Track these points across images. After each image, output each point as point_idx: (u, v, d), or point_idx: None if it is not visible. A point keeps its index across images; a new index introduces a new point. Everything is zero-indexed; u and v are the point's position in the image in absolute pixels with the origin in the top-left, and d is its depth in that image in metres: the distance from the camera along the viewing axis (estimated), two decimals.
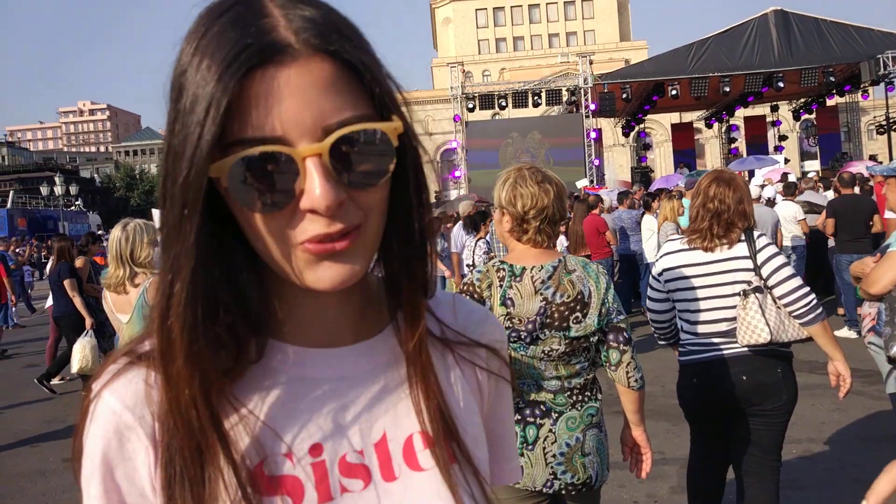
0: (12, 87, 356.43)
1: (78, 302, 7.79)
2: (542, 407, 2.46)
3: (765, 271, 3.04)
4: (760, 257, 3.05)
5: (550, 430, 2.43)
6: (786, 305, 3.03)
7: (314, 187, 0.62)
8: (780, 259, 3.06)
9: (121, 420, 0.68)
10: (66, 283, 7.80)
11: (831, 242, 9.37)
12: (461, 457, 0.76)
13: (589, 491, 2.48)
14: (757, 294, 3.01)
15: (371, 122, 0.65)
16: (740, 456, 3.22)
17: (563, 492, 2.45)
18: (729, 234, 3.08)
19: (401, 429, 0.76)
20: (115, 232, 4.04)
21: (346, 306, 0.76)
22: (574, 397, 2.47)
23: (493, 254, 8.42)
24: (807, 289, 3.05)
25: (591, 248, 9.73)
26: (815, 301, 3.05)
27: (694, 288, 3.14)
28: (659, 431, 5.37)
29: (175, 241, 0.64)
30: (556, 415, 2.45)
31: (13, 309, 13.42)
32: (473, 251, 8.81)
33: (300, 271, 0.66)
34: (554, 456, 2.42)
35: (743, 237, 3.09)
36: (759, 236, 3.11)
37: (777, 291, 3.03)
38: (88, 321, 7.62)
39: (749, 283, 3.04)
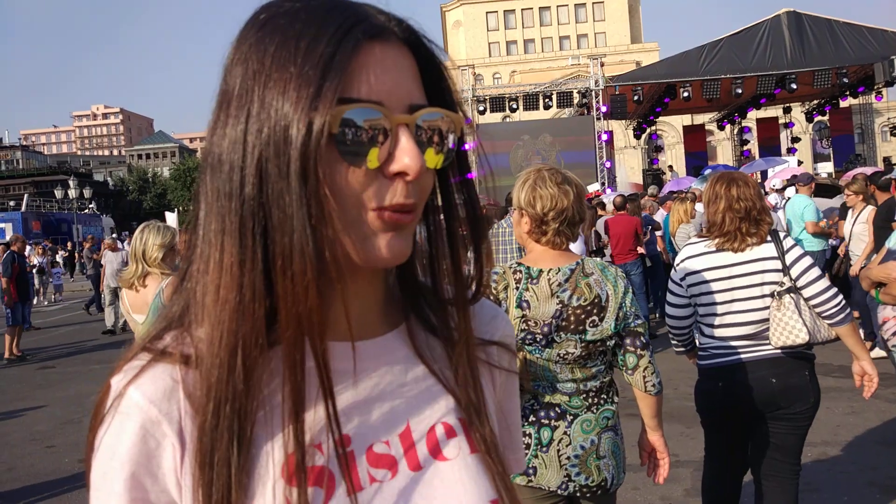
0: (27, 91, 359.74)
1: None
2: (557, 409, 2.45)
3: (794, 272, 3.02)
4: (789, 258, 3.04)
5: (565, 433, 2.43)
6: (815, 306, 3.02)
7: (405, 151, 0.67)
8: (809, 260, 3.05)
9: (147, 416, 0.68)
10: None
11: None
12: (489, 446, 0.79)
13: (604, 494, 2.48)
14: (791, 294, 3.00)
15: (447, 111, 0.73)
16: (761, 460, 3.19)
17: (578, 493, 2.45)
18: (759, 230, 3.06)
19: (423, 420, 0.78)
20: (136, 232, 4.27)
21: (372, 299, 0.79)
22: (590, 400, 2.47)
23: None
24: (835, 289, 3.04)
25: (624, 251, 9.54)
26: (844, 302, 3.04)
27: (721, 291, 3.11)
28: (673, 434, 5.35)
29: (297, 191, 0.64)
30: (572, 417, 2.45)
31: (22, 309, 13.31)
32: None
33: (370, 239, 0.69)
34: (568, 458, 2.42)
35: (769, 237, 3.08)
36: (784, 237, 3.10)
37: (807, 292, 3.02)
38: None
39: (781, 283, 3.02)
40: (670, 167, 28.27)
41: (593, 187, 19.49)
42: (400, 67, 0.70)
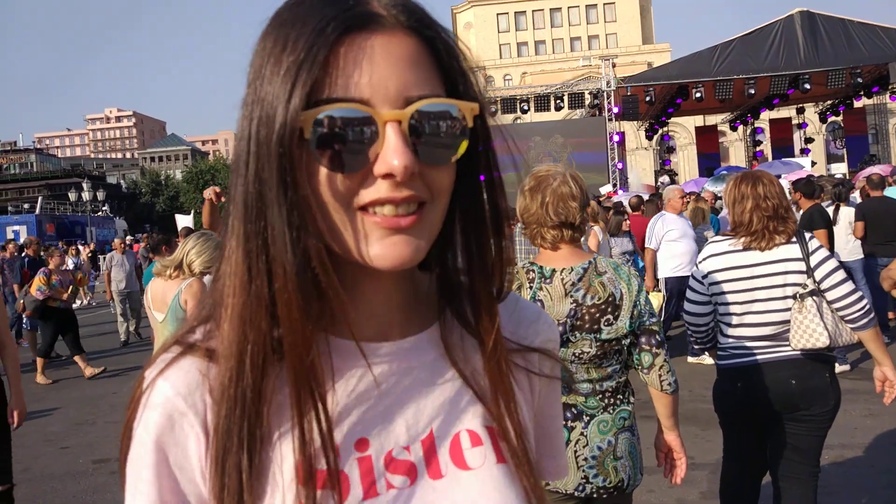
0: (40, 94, 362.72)
1: None
2: (573, 410, 2.44)
3: (818, 274, 2.99)
4: (814, 260, 3.01)
5: (582, 434, 2.42)
6: (839, 309, 2.99)
7: (391, 151, 0.63)
8: (834, 262, 3.02)
9: (174, 407, 0.68)
10: None
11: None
12: (518, 457, 0.75)
13: (621, 494, 2.46)
14: (814, 297, 2.97)
15: (450, 99, 0.67)
16: (780, 461, 3.16)
17: (595, 495, 2.43)
18: (787, 227, 3.03)
19: (448, 426, 0.75)
20: (195, 237, 4.35)
21: (395, 300, 0.76)
22: (606, 400, 2.45)
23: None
24: (860, 293, 3.01)
25: (639, 251, 9.40)
26: (868, 306, 3.02)
27: (742, 290, 3.09)
28: (688, 436, 5.26)
29: (277, 199, 0.63)
30: (588, 418, 2.43)
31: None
32: None
33: (362, 243, 0.66)
34: (585, 459, 2.41)
35: (795, 238, 3.05)
36: (810, 238, 3.07)
37: (830, 295, 2.99)
38: None
39: (804, 285, 2.99)
40: (666, 171, 28.04)
41: (606, 188, 19.44)
42: (394, 58, 0.64)
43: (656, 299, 7.50)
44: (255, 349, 0.66)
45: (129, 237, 24.45)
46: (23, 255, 12.03)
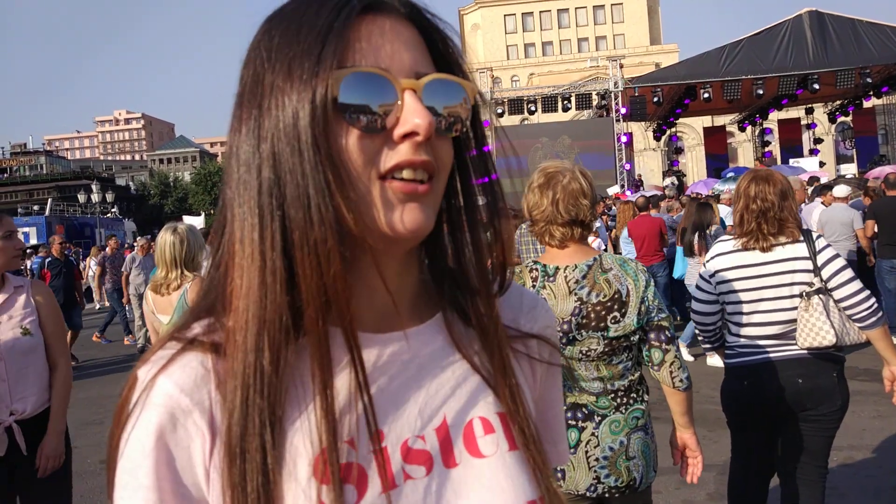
0: (50, 97, 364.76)
1: None
2: (584, 410, 2.42)
3: (825, 273, 2.98)
4: (821, 258, 2.99)
5: (593, 434, 2.39)
6: (846, 308, 2.98)
7: (412, 111, 0.67)
8: (841, 261, 3.00)
9: (177, 405, 0.66)
10: None
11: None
12: (529, 443, 0.76)
13: (633, 493, 2.43)
14: (820, 295, 2.95)
15: (457, 77, 0.73)
16: (787, 462, 3.14)
17: (607, 495, 2.41)
18: (784, 230, 3.02)
19: (460, 414, 0.75)
20: (167, 236, 4.04)
21: (401, 289, 0.76)
22: (618, 400, 2.42)
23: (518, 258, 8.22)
24: (867, 292, 2.99)
25: (649, 252, 9.25)
26: (876, 305, 3.00)
27: (749, 289, 3.07)
28: None
29: (297, 173, 0.65)
30: (599, 418, 2.40)
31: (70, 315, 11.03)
32: None
33: (382, 210, 0.68)
34: (597, 460, 2.38)
35: (802, 237, 3.03)
36: (817, 237, 3.05)
37: (838, 294, 2.97)
38: None
39: (810, 284, 2.98)
40: (680, 172, 27.97)
41: (613, 189, 19.40)
42: (402, 38, 0.70)
43: None
44: (272, 326, 0.65)
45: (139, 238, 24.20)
46: (46, 256, 11.26)
